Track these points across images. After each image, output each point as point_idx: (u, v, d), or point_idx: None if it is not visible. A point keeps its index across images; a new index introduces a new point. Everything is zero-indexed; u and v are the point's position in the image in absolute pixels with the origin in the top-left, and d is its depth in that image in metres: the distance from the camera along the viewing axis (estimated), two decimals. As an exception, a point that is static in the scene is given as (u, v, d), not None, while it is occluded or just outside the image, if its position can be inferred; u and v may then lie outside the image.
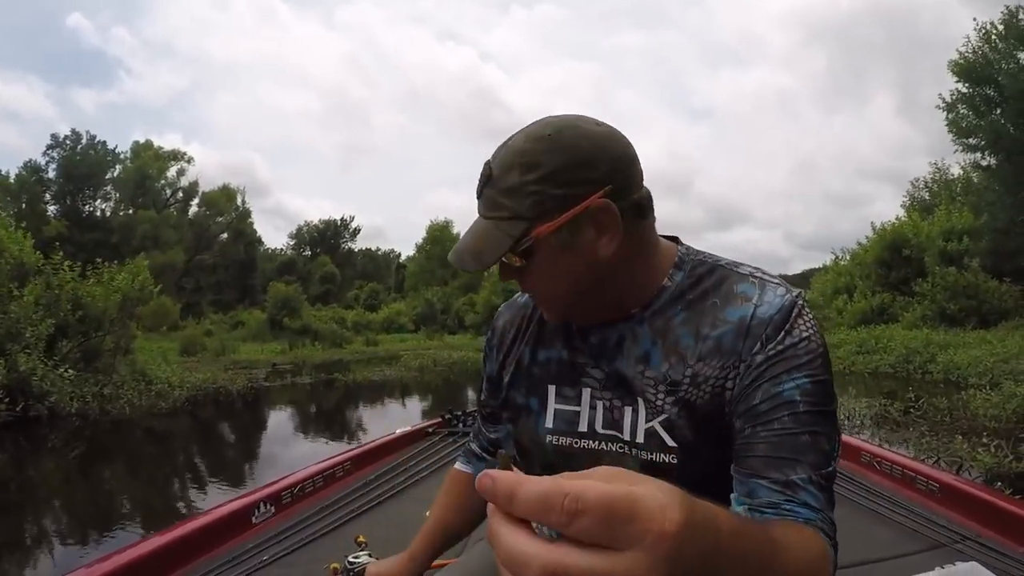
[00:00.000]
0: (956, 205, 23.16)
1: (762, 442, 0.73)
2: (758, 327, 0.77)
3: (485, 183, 0.79)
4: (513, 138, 0.79)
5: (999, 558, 1.80)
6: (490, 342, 1.02)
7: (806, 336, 0.76)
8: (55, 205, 42.32)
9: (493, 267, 0.79)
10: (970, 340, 14.01)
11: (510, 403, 0.95)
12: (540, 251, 0.77)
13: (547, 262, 0.78)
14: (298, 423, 11.08)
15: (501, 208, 0.77)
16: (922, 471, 2.48)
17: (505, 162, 0.77)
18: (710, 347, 0.79)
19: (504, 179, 0.77)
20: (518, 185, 0.76)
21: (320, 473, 2.60)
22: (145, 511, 5.59)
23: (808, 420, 0.73)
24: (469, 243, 0.78)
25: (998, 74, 18.17)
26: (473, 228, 0.80)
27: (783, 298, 0.78)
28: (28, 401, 9.21)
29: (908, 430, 7.12)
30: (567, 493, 0.34)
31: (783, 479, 0.71)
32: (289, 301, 34.78)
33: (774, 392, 0.74)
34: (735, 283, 0.82)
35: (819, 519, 0.70)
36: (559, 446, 0.87)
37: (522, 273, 0.81)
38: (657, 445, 0.80)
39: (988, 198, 20.04)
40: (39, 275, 11.48)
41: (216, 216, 47.83)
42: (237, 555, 1.90)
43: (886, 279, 22.54)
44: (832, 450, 0.74)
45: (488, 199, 0.78)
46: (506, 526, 0.36)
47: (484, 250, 0.76)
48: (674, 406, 0.79)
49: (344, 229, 59.83)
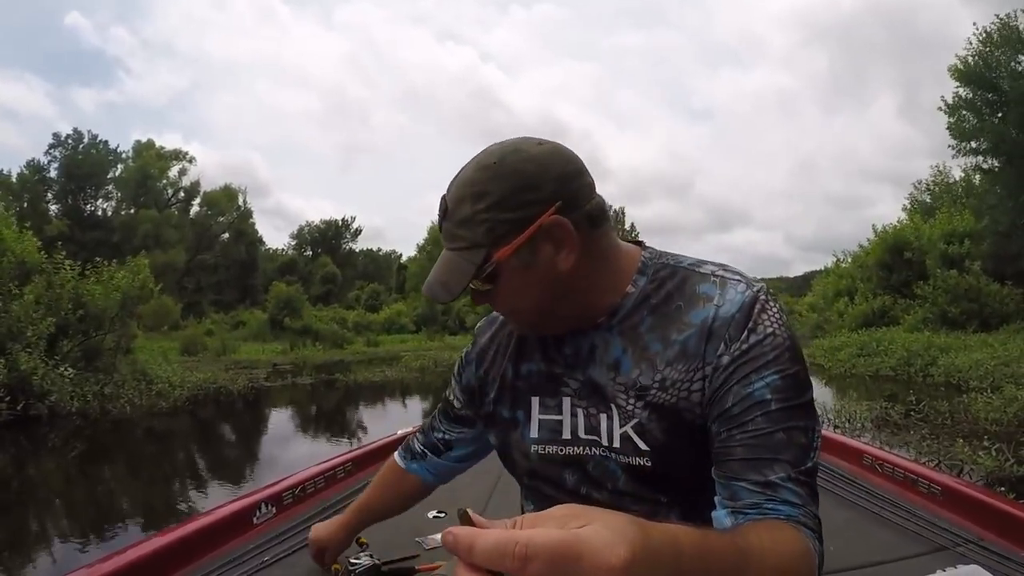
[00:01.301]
0: (957, 208, 23.15)
1: (738, 445, 0.74)
2: (721, 328, 0.77)
3: (443, 217, 0.83)
4: (463, 170, 0.82)
5: (1001, 561, 1.80)
6: (468, 356, 1.05)
7: (770, 332, 0.76)
8: (57, 204, 42.36)
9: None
10: (971, 343, 14.01)
11: (497, 418, 0.96)
12: (503, 274, 0.80)
13: (511, 283, 0.81)
14: (299, 423, 11.09)
15: (459, 239, 0.81)
16: (924, 474, 2.47)
17: (457, 195, 0.81)
18: (676, 352, 0.80)
19: (458, 211, 0.80)
20: (471, 215, 0.79)
21: (321, 474, 2.59)
22: (146, 511, 5.59)
23: (781, 417, 0.73)
24: (438, 275, 0.82)
25: (999, 78, 18.17)
26: (440, 260, 0.83)
27: (743, 295, 0.78)
28: (29, 400, 9.22)
29: (909, 433, 7.11)
30: (517, 541, 0.38)
31: (762, 480, 0.72)
32: (290, 301, 34.79)
33: (744, 393, 0.74)
34: (696, 284, 0.82)
35: (801, 514, 0.71)
36: (544, 454, 0.89)
37: (490, 296, 0.84)
38: (632, 449, 0.81)
39: (990, 201, 20.02)
40: (40, 274, 11.50)
41: (217, 216, 47.85)
42: (238, 556, 1.89)
43: (887, 282, 22.53)
44: (810, 443, 0.75)
45: (447, 232, 0.82)
46: (468, 575, 0.39)
47: (450, 281, 0.80)
48: (644, 410, 0.80)
49: (345, 229, 59.89)
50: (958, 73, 19.20)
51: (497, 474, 2.92)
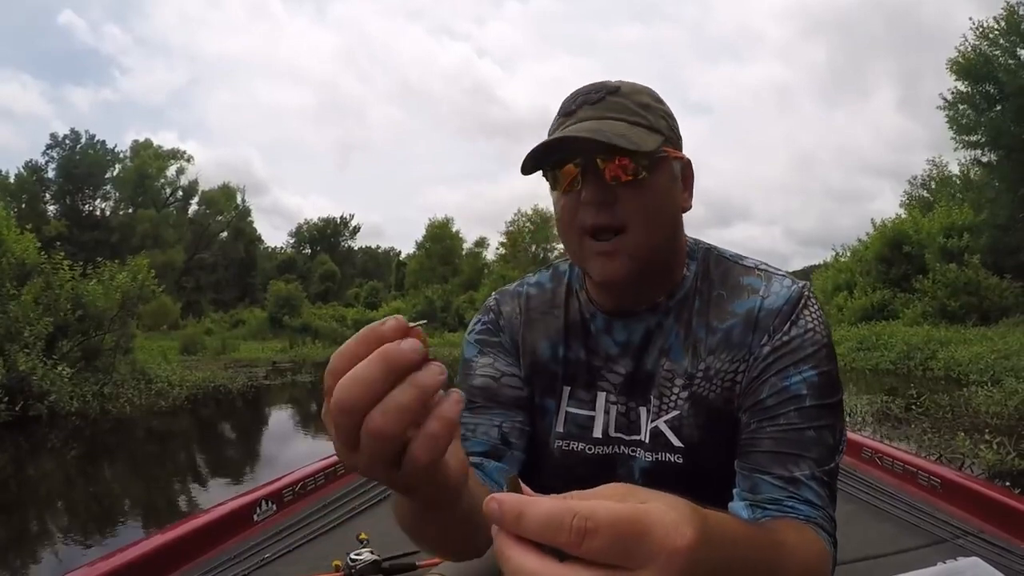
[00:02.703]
0: (956, 202, 23.16)
1: (767, 437, 0.73)
2: (766, 319, 0.77)
3: (609, 92, 0.77)
4: (612, 81, 0.80)
5: (1001, 553, 1.80)
6: (496, 325, 0.90)
7: (811, 327, 0.76)
8: (55, 205, 42.30)
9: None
10: (971, 337, 14.01)
11: (523, 401, 0.87)
12: (660, 172, 0.77)
13: (660, 187, 0.77)
14: (299, 421, 11.08)
15: (636, 115, 0.76)
16: (924, 467, 2.48)
17: (632, 86, 0.79)
18: (719, 340, 0.79)
19: (636, 96, 0.78)
20: (652, 106, 0.78)
21: (322, 471, 2.59)
22: (146, 510, 5.59)
23: (814, 414, 0.73)
24: (605, 128, 0.73)
25: (998, 71, 18.16)
26: (594, 120, 0.75)
27: (789, 289, 0.79)
28: (28, 400, 9.20)
29: (910, 427, 7.12)
30: (576, 512, 0.33)
31: (787, 475, 0.71)
32: (289, 299, 34.80)
33: (781, 386, 0.74)
34: (740, 275, 0.82)
35: (820, 517, 0.70)
36: (568, 451, 0.84)
37: (631, 191, 0.75)
38: (664, 445, 0.80)
39: (988, 194, 20.05)
40: (39, 275, 11.48)
41: (216, 215, 47.79)
42: (239, 553, 1.90)
43: (887, 276, 22.54)
44: (836, 444, 0.74)
45: (617, 104, 0.76)
46: (514, 547, 0.35)
47: (633, 137, 0.73)
48: (686, 402, 0.79)
49: (344, 227, 59.82)
50: (957, 67, 19.19)
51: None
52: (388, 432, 0.38)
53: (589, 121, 0.74)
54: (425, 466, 0.40)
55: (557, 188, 0.79)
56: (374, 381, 0.38)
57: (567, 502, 0.34)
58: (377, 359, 0.38)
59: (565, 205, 0.78)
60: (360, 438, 0.39)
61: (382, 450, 0.39)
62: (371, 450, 0.39)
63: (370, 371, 0.38)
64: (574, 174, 0.75)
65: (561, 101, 0.81)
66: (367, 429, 0.38)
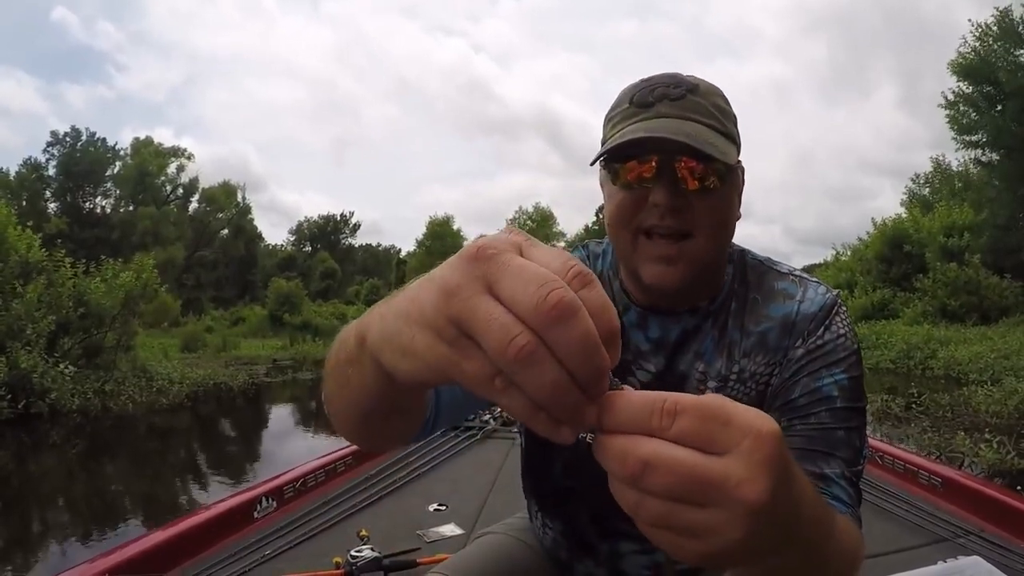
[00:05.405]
0: (956, 201, 23.15)
1: (798, 435, 0.74)
2: (802, 323, 0.78)
3: (689, 90, 0.74)
4: (683, 76, 0.77)
5: (1002, 552, 1.81)
6: None
7: (843, 333, 0.78)
8: (55, 202, 42.28)
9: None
10: (971, 336, 14.02)
11: None
12: (730, 182, 0.77)
13: (729, 197, 0.77)
14: (299, 418, 11.09)
15: (714, 119, 0.74)
16: (925, 466, 2.48)
17: (709, 86, 0.77)
18: (754, 343, 0.80)
19: (713, 98, 0.76)
20: (726, 109, 0.77)
21: (322, 468, 2.60)
22: (147, 507, 5.60)
23: (844, 416, 0.74)
24: (691, 130, 0.72)
25: (998, 71, 18.16)
26: (676, 120, 0.72)
27: (824, 296, 0.80)
28: (29, 398, 9.21)
29: (910, 426, 7.12)
30: (666, 398, 0.35)
31: (817, 471, 0.71)
32: (290, 297, 34.76)
33: (813, 387, 0.75)
34: (775, 280, 0.83)
35: (850, 514, 0.70)
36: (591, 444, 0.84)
37: (704, 198, 0.74)
38: None
39: (989, 194, 20.05)
40: (40, 273, 11.48)
41: (216, 212, 47.77)
42: (239, 550, 1.90)
43: (887, 275, 22.55)
44: (862, 447, 0.75)
45: (698, 105, 0.74)
46: (611, 436, 0.37)
47: (720, 146, 0.72)
48: None
49: (344, 225, 59.81)
50: (957, 67, 19.20)
51: (497, 470, 2.93)
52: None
53: (671, 119, 0.72)
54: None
55: (617, 182, 0.76)
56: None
57: (659, 392, 0.36)
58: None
59: (624, 201, 0.75)
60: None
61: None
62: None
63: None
64: (640, 171, 0.73)
65: (627, 86, 0.78)
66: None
